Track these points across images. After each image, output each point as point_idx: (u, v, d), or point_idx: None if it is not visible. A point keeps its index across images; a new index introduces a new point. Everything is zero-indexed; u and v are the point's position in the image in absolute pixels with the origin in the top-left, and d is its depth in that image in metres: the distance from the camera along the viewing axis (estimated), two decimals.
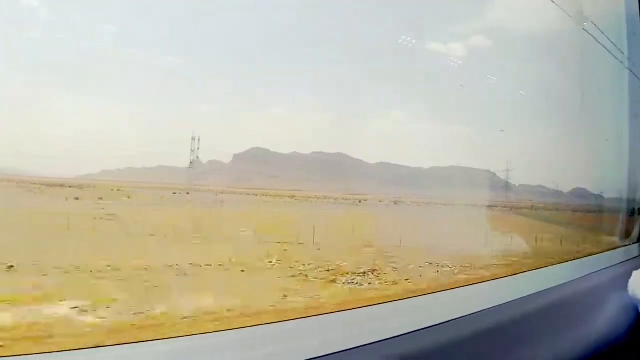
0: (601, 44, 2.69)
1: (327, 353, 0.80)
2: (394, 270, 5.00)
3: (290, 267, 4.87)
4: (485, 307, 1.14)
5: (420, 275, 4.99)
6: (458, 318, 1.05)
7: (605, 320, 1.35)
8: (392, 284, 4.69)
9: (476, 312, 1.10)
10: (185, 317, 3.09)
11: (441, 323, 1.01)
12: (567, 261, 1.84)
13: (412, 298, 1.29)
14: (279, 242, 5.79)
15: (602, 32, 2.73)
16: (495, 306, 1.17)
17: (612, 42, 2.70)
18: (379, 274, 4.82)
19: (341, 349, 0.82)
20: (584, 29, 2.82)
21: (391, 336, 0.90)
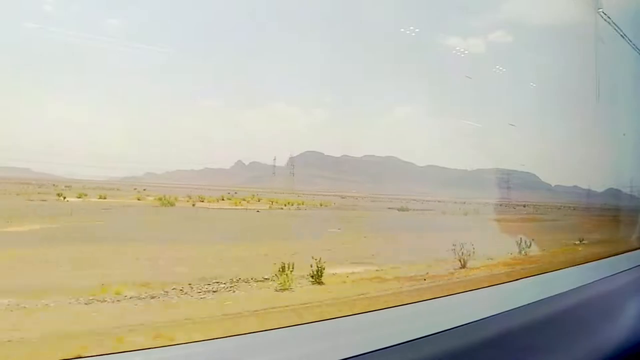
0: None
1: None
2: None
3: None
4: (497, 312, 1.09)
5: None
6: (468, 323, 1.01)
7: (623, 325, 1.29)
8: None
9: (487, 317, 1.06)
10: None
11: (451, 328, 0.97)
12: (581, 264, 1.77)
13: (418, 302, 1.25)
14: None
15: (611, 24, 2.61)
16: (508, 311, 1.12)
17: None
18: None
19: (345, 357, 0.80)
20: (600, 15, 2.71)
21: (398, 342, 0.87)
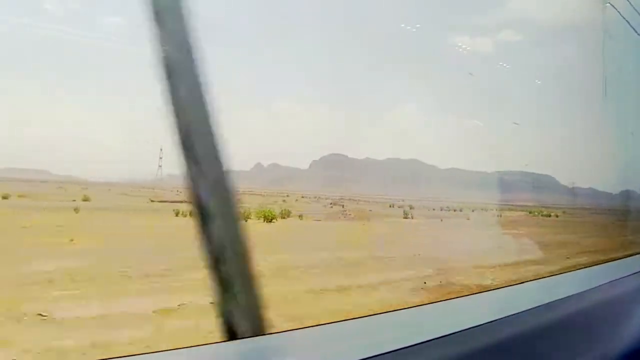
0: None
1: None
2: None
3: None
4: (498, 317, 1.08)
5: None
6: (468, 328, 0.99)
7: (628, 331, 1.26)
8: None
9: (488, 322, 1.04)
10: None
11: (451, 334, 0.95)
12: (586, 267, 1.74)
13: (418, 306, 1.24)
14: None
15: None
16: (509, 316, 1.10)
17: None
18: None
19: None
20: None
21: (398, 347, 0.86)
